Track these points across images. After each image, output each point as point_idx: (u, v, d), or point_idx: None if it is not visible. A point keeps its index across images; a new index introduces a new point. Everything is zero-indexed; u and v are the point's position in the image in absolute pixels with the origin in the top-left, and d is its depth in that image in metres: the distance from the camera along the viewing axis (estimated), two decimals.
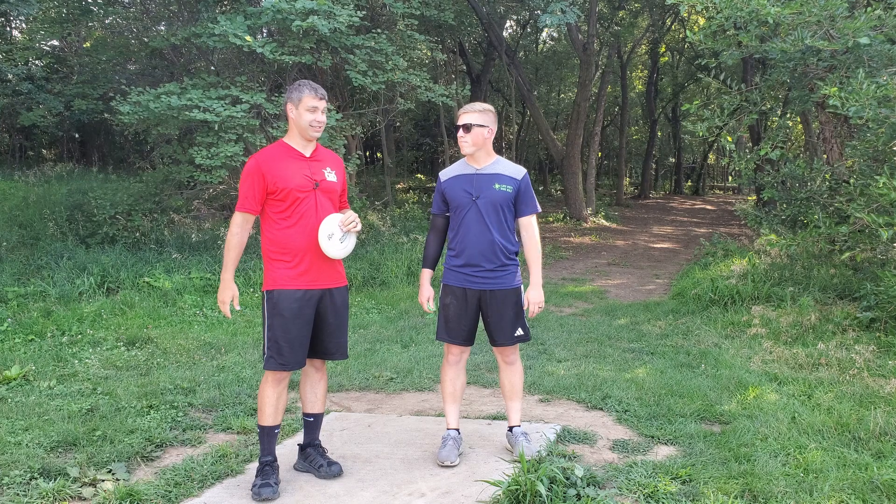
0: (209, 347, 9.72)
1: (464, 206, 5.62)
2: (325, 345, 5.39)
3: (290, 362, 5.14)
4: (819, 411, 6.66)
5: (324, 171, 5.32)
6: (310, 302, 5.21)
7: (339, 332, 5.41)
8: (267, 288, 5.23)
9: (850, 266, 12.52)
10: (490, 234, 5.57)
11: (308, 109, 5.20)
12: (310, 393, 5.56)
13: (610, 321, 11.66)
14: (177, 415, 6.91)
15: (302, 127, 5.24)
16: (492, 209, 5.57)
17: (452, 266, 5.74)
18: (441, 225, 5.85)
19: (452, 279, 5.73)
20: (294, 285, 5.16)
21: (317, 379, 5.55)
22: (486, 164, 5.70)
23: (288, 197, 5.14)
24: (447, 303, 5.74)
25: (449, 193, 5.71)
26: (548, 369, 8.55)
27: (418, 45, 19.80)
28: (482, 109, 5.65)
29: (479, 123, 5.60)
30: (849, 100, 8.95)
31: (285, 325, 5.12)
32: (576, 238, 25.15)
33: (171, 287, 12.68)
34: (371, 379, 8.29)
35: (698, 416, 6.71)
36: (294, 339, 5.14)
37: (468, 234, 5.61)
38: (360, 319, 11.83)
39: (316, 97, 5.22)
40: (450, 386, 5.86)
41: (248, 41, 14.19)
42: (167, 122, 14.73)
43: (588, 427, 6.52)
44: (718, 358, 8.81)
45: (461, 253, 5.65)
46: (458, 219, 5.67)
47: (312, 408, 5.57)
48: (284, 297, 5.14)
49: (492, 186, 5.59)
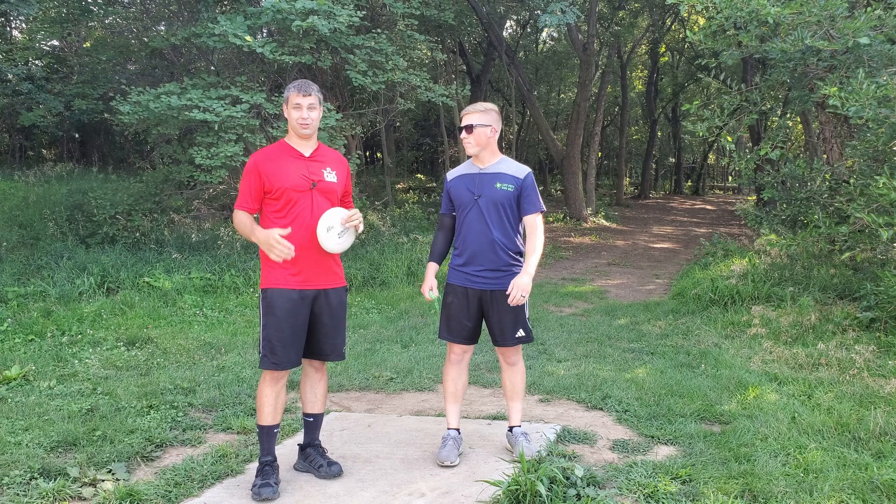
0: (209, 347, 9.72)
1: (466, 206, 5.64)
2: (320, 346, 5.37)
3: (283, 361, 5.12)
4: (819, 411, 6.67)
5: (323, 171, 5.30)
6: (304, 302, 5.19)
7: (334, 334, 5.38)
8: (262, 287, 5.22)
9: (850, 266, 12.52)
10: (490, 233, 5.57)
11: (293, 107, 5.21)
12: (309, 393, 5.55)
13: (610, 321, 11.66)
14: (177, 415, 6.91)
15: (292, 125, 5.27)
16: (493, 208, 5.57)
17: (455, 265, 5.76)
18: (448, 224, 5.87)
19: (455, 278, 5.75)
20: (288, 285, 5.15)
21: (316, 379, 5.55)
22: (490, 163, 5.71)
23: (283, 196, 5.14)
24: (449, 301, 5.75)
25: (454, 193, 5.74)
26: (548, 369, 8.55)
27: (418, 45, 19.80)
28: (484, 109, 5.64)
29: (482, 123, 5.61)
30: (849, 100, 8.96)
31: (278, 325, 5.11)
32: (576, 238, 25.15)
33: (171, 287, 12.68)
34: (371, 379, 8.30)
35: (698, 416, 6.71)
36: (287, 338, 5.12)
37: (469, 233, 5.63)
38: (360, 319, 11.83)
39: (299, 94, 5.20)
40: (451, 385, 5.87)
41: (248, 41, 14.19)
42: (167, 121, 14.73)
43: (588, 427, 6.52)
44: (718, 358, 8.81)
45: (463, 252, 5.68)
46: (461, 218, 5.70)
47: (312, 408, 5.57)
48: (278, 297, 5.13)
49: (493, 185, 5.59)
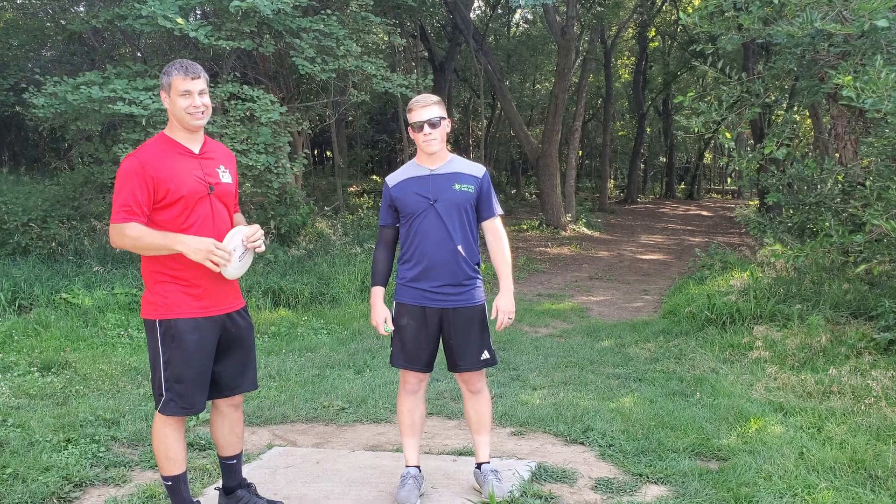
0: (135, 373, 9.66)
1: (419, 213, 5.56)
2: (231, 378, 5.20)
3: (196, 404, 4.94)
4: (830, 446, 6.70)
5: (217, 171, 5.08)
6: (213, 331, 5.00)
7: (246, 362, 5.25)
8: (159, 317, 4.92)
9: (866, 280, 12.61)
10: (452, 242, 5.53)
11: (180, 94, 4.89)
12: (228, 434, 5.37)
13: (592, 343, 11.69)
14: (98, 450, 6.82)
15: (179, 116, 4.94)
16: (454, 213, 5.54)
17: (407, 281, 5.67)
18: (390, 237, 5.78)
19: (407, 297, 5.67)
20: (194, 312, 4.91)
21: (235, 419, 5.38)
22: (440, 163, 5.67)
23: (178, 204, 4.85)
24: (403, 324, 5.68)
25: (400, 200, 5.64)
26: (521, 398, 8.54)
27: (374, 29, 19.78)
28: (438, 100, 5.62)
29: (443, 116, 5.59)
30: (865, 91, 8.99)
31: (187, 361, 4.89)
32: (553, 248, 25.24)
33: (92, 304, 12.56)
34: (320, 409, 8.26)
35: (693, 452, 6.72)
36: (196, 376, 4.92)
37: (426, 243, 5.56)
38: (307, 341, 11.81)
39: (187, 78, 4.89)
40: (408, 418, 5.83)
41: (179, 24, 14.11)
42: (88, 116, 14.62)
43: (567, 464, 6.51)
44: (716, 385, 8.84)
45: (416, 265, 5.61)
46: (412, 227, 5.61)
47: (233, 449, 5.41)
48: (184, 328, 4.88)
49: (451, 187, 5.56)
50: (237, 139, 14.65)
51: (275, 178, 15.49)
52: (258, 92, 15.33)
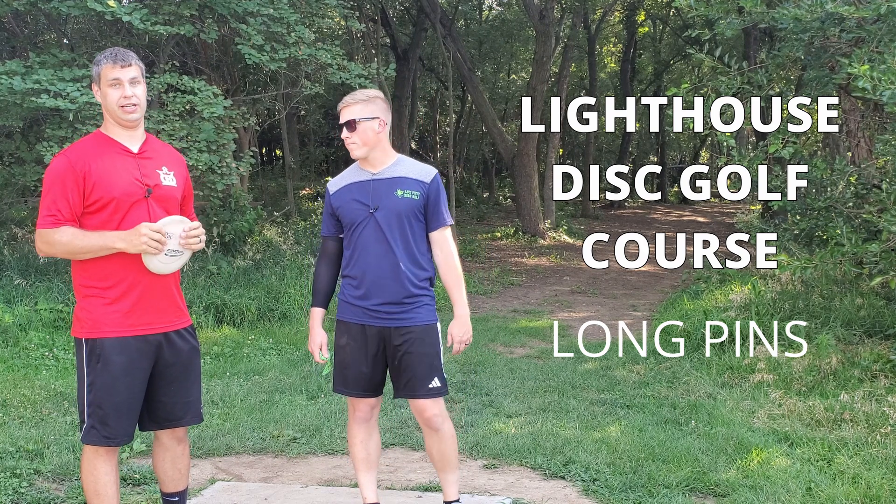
0: (61, 399, 9.60)
1: (359, 222, 5.56)
2: (171, 408, 5.16)
3: (119, 434, 4.90)
4: (842, 481, 6.72)
5: (158, 173, 5.03)
6: (146, 353, 4.95)
7: (187, 390, 5.21)
8: (85, 335, 4.90)
9: (882, 295, 12.66)
10: (392, 255, 5.52)
11: (110, 84, 4.86)
12: (171, 470, 5.34)
13: (574, 365, 11.70)
14: (20, 485, 6.78)
15: (111, 110, 4.92)
16: (395, 222, 5.52)
17: (348, 297, 5.68)
18: (333, 250, 5.81)
19: (348, 314, 5.69)
20: (123, 331, 4.86)
21: (179, 452, 5.34)
22: (383, 166, 5.64)
23: (109, 206, 4.82)
24: (342, 344, 5.69)
25: (340, 208, 5.65)
26: (495, 427, 8.54)
27: (329, 13, 19.78)
28: (367, 98, 5.56)
29: (367, 116, 5.51)
30: (882, 81, 9.02)
31: (113, 385, 4.84)
32: (530, 259, 25.30)
33: (12, 321, 12.47)
34: (269, 439, 8.23)
35: (687, 487, 6.74)
36: (123, 403, 4.87)
37: (366, 255, 5.56)
38: (254, 363, 11.77)
39: (116, 66, 4.85)
40: (360, 450, 5.81)
41: (111, 7, 14.03)
42: (8, 110, 14.51)
43: (546, 500, 6.53)
44: (713, 412, 8.87)
45: (358, 280, 5.60)
46: (353, 238, 5.62)
47: (176, 486, 5.38)
48: (111, 348, 4.83)
49: (392, 194, 5.54)
50: (176, 136, 14.56)
51: (218, 180, 15.42)
52: (199, 83, 15.25)
